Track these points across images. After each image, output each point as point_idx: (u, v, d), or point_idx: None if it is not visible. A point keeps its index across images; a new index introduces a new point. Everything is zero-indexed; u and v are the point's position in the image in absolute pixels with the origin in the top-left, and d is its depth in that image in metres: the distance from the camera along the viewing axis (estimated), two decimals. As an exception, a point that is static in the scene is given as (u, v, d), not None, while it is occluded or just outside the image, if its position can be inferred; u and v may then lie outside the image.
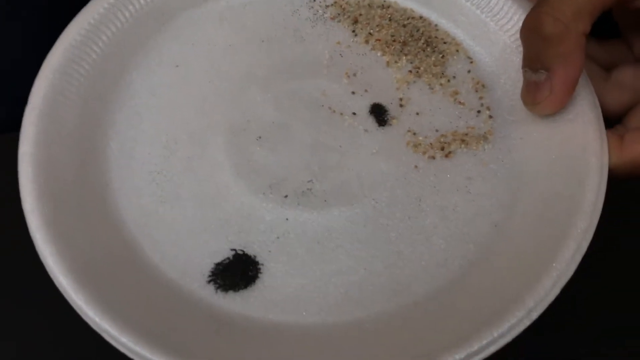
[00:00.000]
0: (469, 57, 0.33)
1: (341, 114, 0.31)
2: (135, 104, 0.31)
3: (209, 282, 0.27)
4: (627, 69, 0.31)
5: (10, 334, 0.31)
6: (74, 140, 0.29)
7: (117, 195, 0.29)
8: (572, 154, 0.28)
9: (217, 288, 0.26)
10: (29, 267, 0.26)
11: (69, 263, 0.25)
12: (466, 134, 0.31)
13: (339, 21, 0.34)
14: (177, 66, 0.32)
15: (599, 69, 0.32)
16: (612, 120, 0.31)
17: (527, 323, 0.24)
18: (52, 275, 0.25)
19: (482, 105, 0.32)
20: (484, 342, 0.23)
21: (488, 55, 0.33)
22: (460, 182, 0.30)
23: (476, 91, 0.32)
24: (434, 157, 0.30)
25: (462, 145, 0.31)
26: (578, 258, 0.25)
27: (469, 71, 0.33)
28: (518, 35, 0.29)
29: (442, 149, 0.31)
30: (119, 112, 0.31)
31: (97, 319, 0.24)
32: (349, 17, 0.34)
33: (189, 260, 0.27)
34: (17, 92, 0.37)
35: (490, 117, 0.32)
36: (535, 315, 0.24)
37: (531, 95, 0.29)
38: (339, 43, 0.34)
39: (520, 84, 0.30)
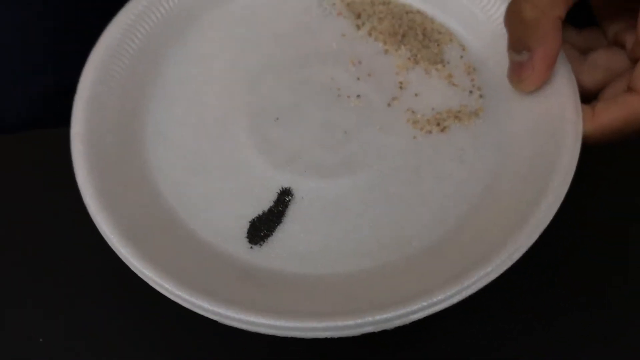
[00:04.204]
0: (462, 45, 0.37)
1: (348, 96, 0.36)
2: (167, 93, 0.36)
3: (247, 235, 0.31)
4: (601, 52, 0.35)
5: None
6: (116, 125, 0.34)
7: (154, 170, 0.33)
8: (551, 124, 0.32)
9: (253, 238, 0.31)
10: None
11: (118, 226, 0.29)
12: (459, 111, 0.35)
13: (345, 17, 0.39)
14: (202, 59, 0.37)
15: (577, 53, 0.35)
16: (589, 98, 0.34)
17: (509, 263, 0.28)
18: (104, 236, 0.29)
19: (473, 86, 0.36)
20: (473, 279, 0.27)
21: (478, 42, 0.37)
22: (454, 153, 0.34)
23: (468, 74, 0.36)
24: (430, 132, 0.34)
25: (456, 121, 0.35)
26: (554, 208, 0.29)
27: (461, 57, 0.37)
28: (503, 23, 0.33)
29: (438, 124, 0.35)
30: (154, 100, 0.35)
31: (142, 269, 0.28)
32: (353, 12, 0.39)
33: (219, 223, 0.32)
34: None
35: (481, 96, 0.36)
36: (516, 256, 0.28)
37: (516, 73, 0.33)
38: (344, 35, 0.38)
39: (506, 66, 0.34)
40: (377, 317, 0.26)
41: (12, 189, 0.38)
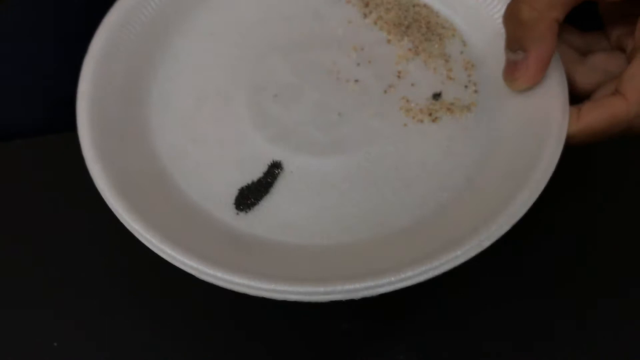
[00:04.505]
0: (463, 40, 0.38)
1: (346, 80, 0.37)
2: (174, 63, 0.37)
3: (235, 202, 0.33)
4: (601, 55, 0.35)
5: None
6: (122, 88, 0.35)
7: (154, 134, 0.35)
8: (538, 123, 0.33)
9: (240, 205, 0.33)
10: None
11: (112, 180, 0.31)
12: (452, 104, 0.36)
13: (354, 4, 0.40)
14: (212, 35, 0.38)
15: (576, 54, 0.36)
16: (585, 99, 0.35)
17: (478, 250, 0.29)
18: (100, 191, 0.31)
19: (469, 81, 0.37)
20: (441, 260, 0.28)
21: (479, 39, 0.38)
22: (443, 143, 0.35)
23: (466, 69, 0.37)
24: (422, 121, 0.35)
25: (448, 113, 0.36)
26: (529, 203, 0.30)
27: (461, 52, 0.38)
28: None
29: (430, 114, 0.36)
30: (161, 68, 0.37)
31: (133, 224, 0.30)
32: (362, 1, 0.40)
33: (210, 188, 0.33)
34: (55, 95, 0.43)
35: (475, 91, 0.37)
36: (486, 244, 0.29)
37: (510, 72, 0.34)
38: (351, 22, 0.39)
39: (502, 65, 0.35)
40: (346, 287, 0.28)
41: (16, 193, 0.39)
